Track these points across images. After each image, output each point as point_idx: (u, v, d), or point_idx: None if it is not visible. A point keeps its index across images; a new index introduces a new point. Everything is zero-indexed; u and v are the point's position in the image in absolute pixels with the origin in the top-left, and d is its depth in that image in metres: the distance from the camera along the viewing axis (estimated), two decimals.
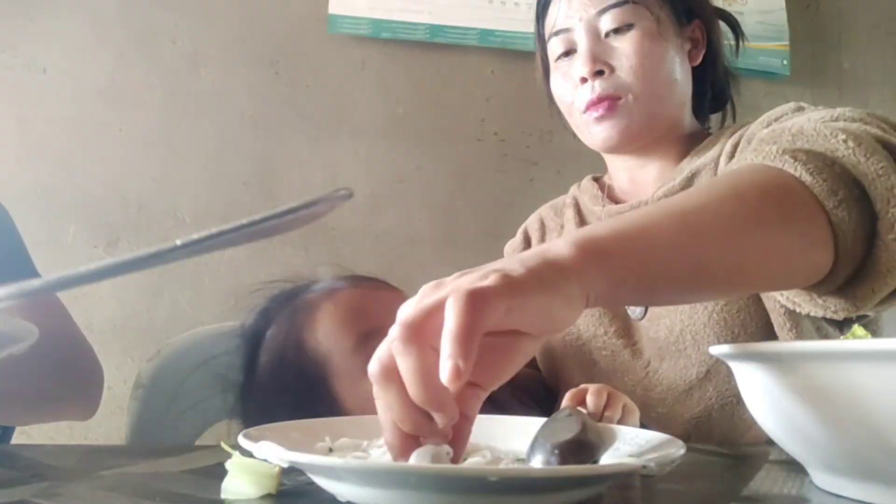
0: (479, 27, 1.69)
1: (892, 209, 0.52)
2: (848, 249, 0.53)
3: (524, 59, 1.71)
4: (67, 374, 0.81)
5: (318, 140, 1.66)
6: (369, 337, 0.66)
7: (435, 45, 1.70)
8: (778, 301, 0.72)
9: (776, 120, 0.76)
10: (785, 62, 1.81)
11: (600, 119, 0.85)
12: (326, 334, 0.71)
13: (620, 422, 0.56)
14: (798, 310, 0.62)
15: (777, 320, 0.75)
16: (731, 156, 0.82)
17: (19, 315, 0.49)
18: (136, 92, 1.60)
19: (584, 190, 0.99)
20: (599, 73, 0.84)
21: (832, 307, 0.57)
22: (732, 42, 0.96)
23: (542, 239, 1.00)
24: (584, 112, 0.86)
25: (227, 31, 1.64)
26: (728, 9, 0.98)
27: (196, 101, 1.62)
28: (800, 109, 0.76)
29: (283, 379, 0.72)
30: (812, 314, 0.60)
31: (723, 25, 0.95)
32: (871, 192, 0.53)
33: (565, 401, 0.59)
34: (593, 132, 0.87)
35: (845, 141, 0.54)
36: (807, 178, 0.53)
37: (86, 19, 1.59)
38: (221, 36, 1.64)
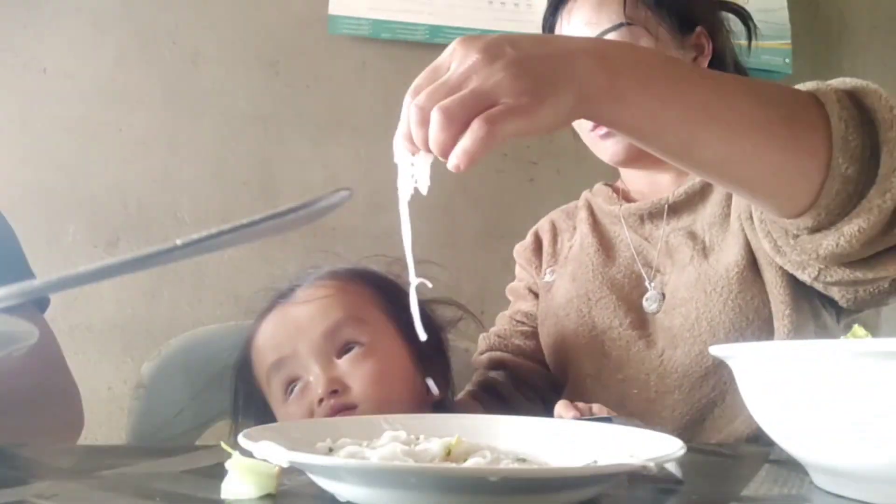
0: (479, 27, 1.69)
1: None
2: (840, 165, 0.54)
3: None
4: (45, 417, 0.79)
5: (318, 140, 1.65)
6: (276, 367, 0.76)
7: (435, 45, 1.70)
8: (776, 280, 0.74)
9: None
10: (787, 60, 1.81)
11: (605, 136, 0.88)
12: (255, 364, 0.80)
13: None
14: (783, 260, 0.64)
15: (776, 308, 0.76)
16: None
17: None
18: (136, 92, 1.60)
19: (598, 193, 1.00)
20: None
21: (819, 248, 0.58)
22: (743, 41, 0.97)
23: (554, 240, 1.01)
24: (591, 130, 0.89)
25: (227, 31, 1.64)
26: None
27: (196, 101, 1.62)
28: None
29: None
30: (797, 264, 0.63)
31: (735, 21, 0.95)
32: (877, 120, 0.55)
33: (561, 410, 0.65)
34: (600, 149, 0.91)
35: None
36: (823, 97, 0.55)
37: (86, 19, 1.59)
38: (221, 36, 1.64)
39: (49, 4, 1.58)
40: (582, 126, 0.91)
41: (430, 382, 0.78)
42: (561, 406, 0.68)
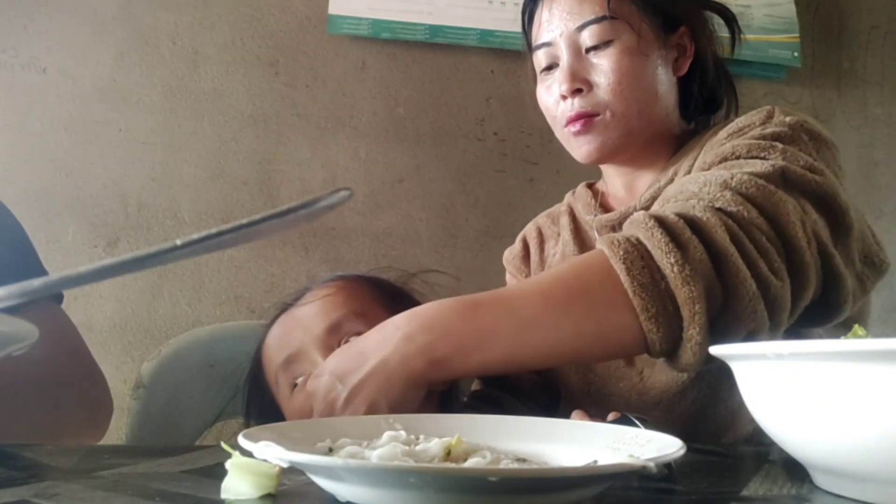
0: (479, 27, 1.69)
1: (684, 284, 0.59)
2: (649, 332, 0.61)
3: (524, 59, 1.71)
4: (74, 400, 0.81)
5: (318, 140, 1.66)
6: (286, 364, 0.79)
7: (435, 45, 1.70)
8: None
9: (739, 131, 0.77)
10: (796, 54, 1.79)
11: (578, 134, 0.86)
12: (266, 368, 0.83)
13: None
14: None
15: None
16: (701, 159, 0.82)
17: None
18: (136, 92, 1.60)
19: (578, 197, 0.99)
20: (578, 91, 0.85)
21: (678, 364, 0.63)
22: (749, 35, 0.95)
23: (541, 247, 1.00)
24: (565, 127, 0.87)
25: (227, 31, 1.64)
26: (734, 2, 0.96)
27: (196, 101, 1.62)
28: (769, 118, 0.77)
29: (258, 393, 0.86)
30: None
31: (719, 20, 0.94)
32: (663, 267, 0.60)
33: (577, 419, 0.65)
34: (572, 146, 0.89)
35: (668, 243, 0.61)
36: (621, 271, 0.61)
37: (86, 19, 1.59)
38: (221, 36, 1.64)
39: (49, 4, 1.58)
40: (555, 122, 0.89)
41: None
42: (577, 416, 0.68)
